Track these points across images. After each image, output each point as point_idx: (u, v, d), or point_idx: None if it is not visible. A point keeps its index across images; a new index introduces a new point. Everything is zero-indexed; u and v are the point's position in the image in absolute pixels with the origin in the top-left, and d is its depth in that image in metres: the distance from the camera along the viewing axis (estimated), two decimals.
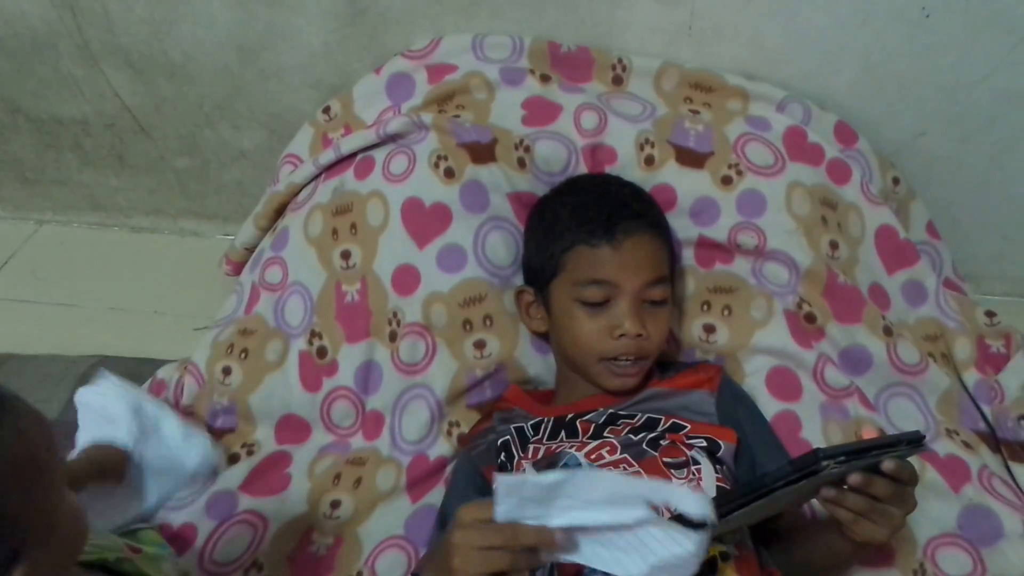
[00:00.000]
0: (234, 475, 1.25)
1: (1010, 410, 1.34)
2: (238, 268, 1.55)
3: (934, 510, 1.19)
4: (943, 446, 1.27)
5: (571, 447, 1.09)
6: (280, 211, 1.49)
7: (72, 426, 1.34)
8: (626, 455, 1.07)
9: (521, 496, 0.77)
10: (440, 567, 0.83)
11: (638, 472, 1.04)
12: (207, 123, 1.71)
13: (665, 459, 1.07)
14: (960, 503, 1.20)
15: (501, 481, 0.77)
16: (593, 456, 1.08)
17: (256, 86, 1.62)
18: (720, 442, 1.10)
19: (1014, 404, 1.36)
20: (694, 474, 1.05)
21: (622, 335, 1.13)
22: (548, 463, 1.08)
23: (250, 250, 1.53)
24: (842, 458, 0.84)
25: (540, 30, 1.48)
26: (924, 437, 0.90)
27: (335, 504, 1.23)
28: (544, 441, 1.13)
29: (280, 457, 1.28)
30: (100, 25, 1.57)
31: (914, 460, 1.22)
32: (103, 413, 0.96)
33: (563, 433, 1.13)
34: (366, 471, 1.27)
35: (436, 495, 1.22)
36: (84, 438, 0.94)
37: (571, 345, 1.18)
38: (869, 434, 0.91)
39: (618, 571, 0.81)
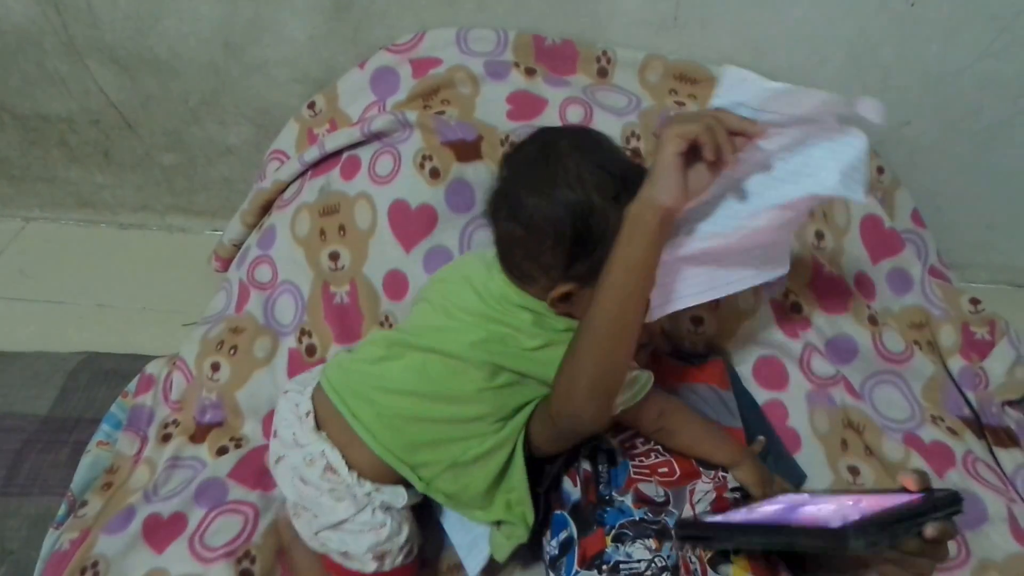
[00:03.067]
0: (223, 464, 1.25)
1: (994, 396, 1.36)
2: (227, 264, 1.56)
3: None
4: (928, 432, 1.29)
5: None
6: (266, 208, 1.49)
7: (62, 422, 1.35)
8: (658, 446, 1.11)
9: (741, 94, 0.93)
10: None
11: (669, 461, 1.09)
12: (193, 119, 1.70)
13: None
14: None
15: (728, 71, 0.97)
16: (627, 444, 1.12)
17: (241, 81, 1.62)
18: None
19: (998, 390, 1.38)
20: (721, 473, 1.08)
21: None
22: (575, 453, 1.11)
23: (238, 246, 1.54)
24: (872, 536, 0.77)
25: (525, 22, 1.48)
26: (962, 500, 0.82)
27: None
28: None
29: (267, 451, 1.28)
30: (85, 21, 1.56)
31: (898, 448, 1.24)
32: None
33: None
34: None
35: None
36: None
37: None
38: (907, 482, 0.84)
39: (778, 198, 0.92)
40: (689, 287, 1.00)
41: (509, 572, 1.14)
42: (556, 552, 1.03)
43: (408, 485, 1.03)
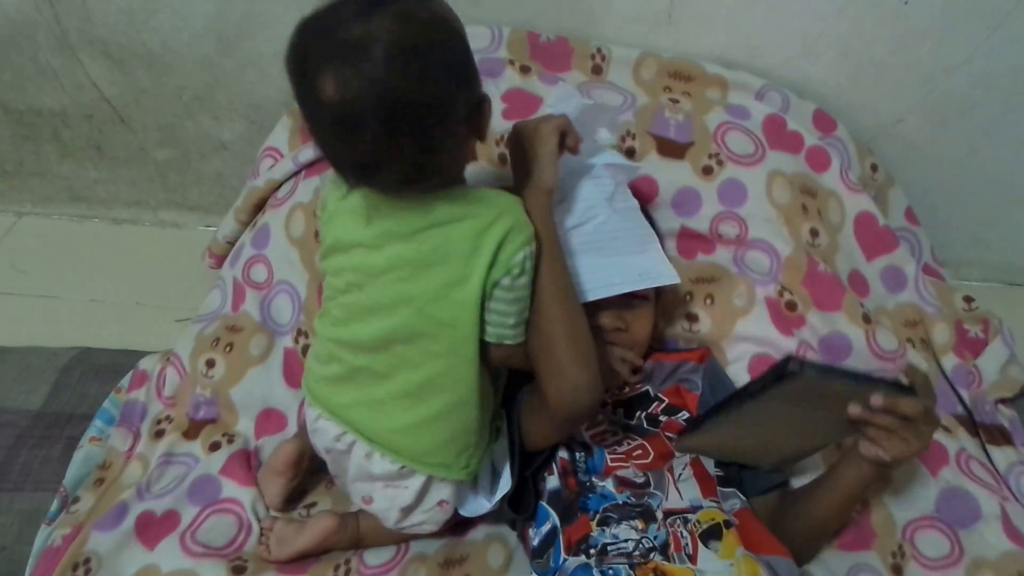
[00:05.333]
0: (215, 460, 1.25)
1: (987, 394, 1.36)
2: (221, 261, 1.55)
3: (912, 493, 1.21)
4: None
5: None
6: (260, 205, 1.49)
7: (54, 418, 1.35)
8: (629, 435, 1.13)
9: (565, 108, 1.11)
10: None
11: (642, 444, 1.12)
12: (187, 114, 1.70)
13: (668, 433, 1.14)
14: (938, 486, 1.22)
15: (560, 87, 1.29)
16: (599, 437, 1.13)
17: (235, 76, 1.61)
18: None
19: (992, 388, 1.38)
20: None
21: (596, 327, 1.14)
22: None
23: (232, 243, 1.53)
24: (809, 369, 0.87)
25: (520, 19, 1.47)
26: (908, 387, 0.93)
27: (310, 506, 1.24)
28: None
29: (255, 452, 1.29)
30: (78, 15, 1.56)
31: None
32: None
33: None
34: None
35: None
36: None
37: None
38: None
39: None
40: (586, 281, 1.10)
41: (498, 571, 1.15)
42: (538, 543, 1.04)
43: None
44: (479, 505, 1.10)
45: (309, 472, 1.24)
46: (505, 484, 1.09)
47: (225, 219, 1.54)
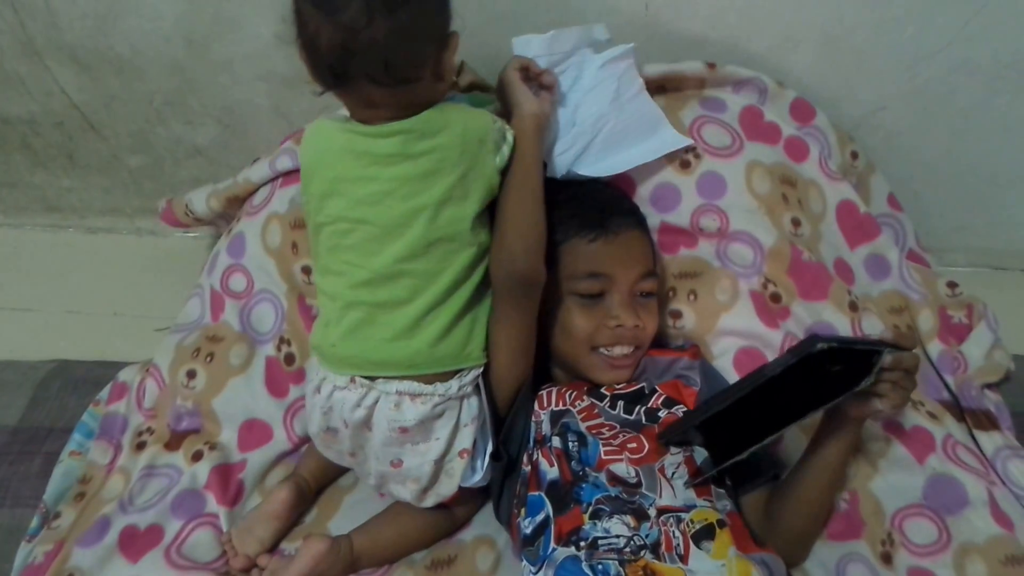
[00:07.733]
0: (199, 473, 1.24)
1: (973, 379, 1.36)
2: (170, 217, 1.56)
3: (900, 481, 1.20)
4: (908, 417, 1.28)
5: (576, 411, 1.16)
6: (233, 201, 1.47)
7: (33, 433, 1.33)
8: (626, 428, 1.13)
9: (531, 51, 1.23)
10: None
11: (638, 437, 1.11)
12: (158, 119, 1.67)
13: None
14: (925, 473, 1.21)
15: (517, 40, 1.25)
16: (595, 429, 1.13)
17: (207, 79, 1.59)
18: None
19: (977, 373, 1.38)
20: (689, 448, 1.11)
21: (618, 326, 1.17)
22: (553, 418, 1.15)
23: (192, 216, 1.53)
24: (835, 343, 0.91)
25: (496, 15, 1.45)
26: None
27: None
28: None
29: (238, 464, 1.29)
30: (43, 20, 1.53)
31: (878, 434, 1.25)
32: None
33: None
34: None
35: None
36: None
37: (564, 338, 1.20)
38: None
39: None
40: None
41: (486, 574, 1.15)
42: (530, 531, 1.04)
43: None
44: (473, 476, 1.13)
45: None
46: (487, 446, 1.14)
47: (198, 194, 1.53)
